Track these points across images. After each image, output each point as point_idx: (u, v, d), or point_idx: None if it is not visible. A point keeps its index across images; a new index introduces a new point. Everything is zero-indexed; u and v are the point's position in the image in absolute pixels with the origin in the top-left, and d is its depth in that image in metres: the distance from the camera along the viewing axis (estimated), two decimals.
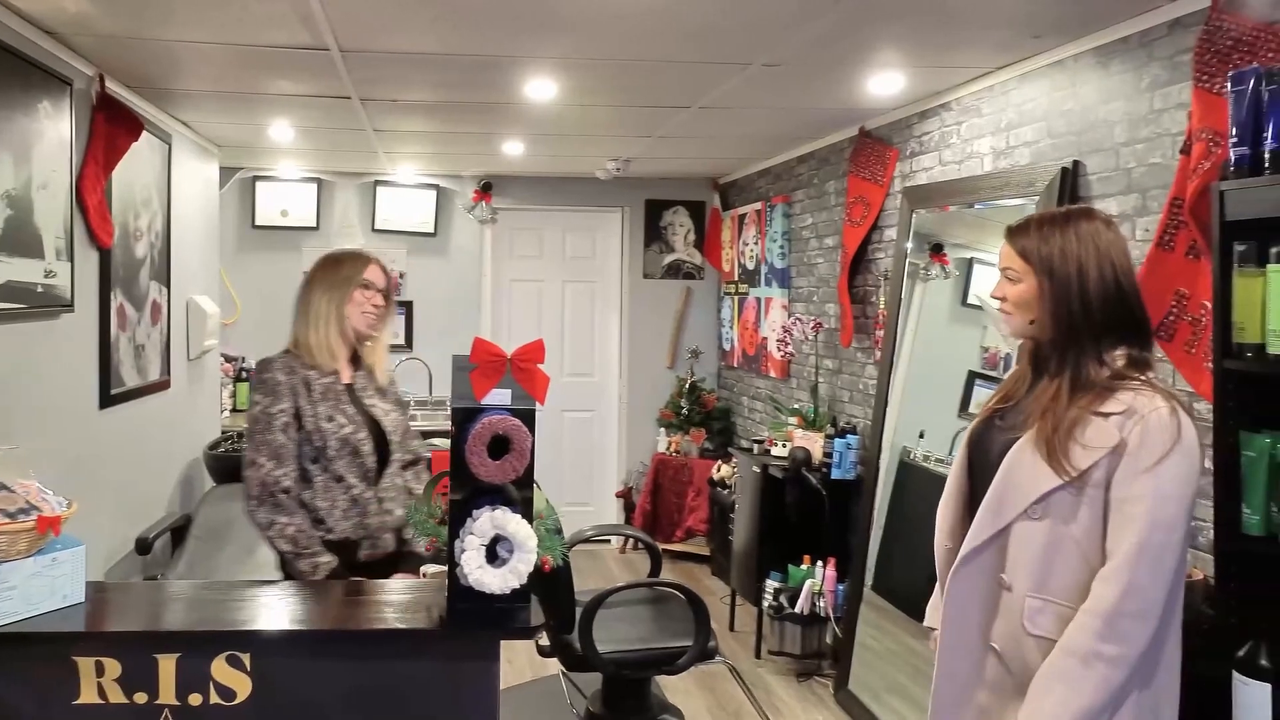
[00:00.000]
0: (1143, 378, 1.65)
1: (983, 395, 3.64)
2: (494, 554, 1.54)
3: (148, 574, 3.60)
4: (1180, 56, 2.50)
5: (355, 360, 2.51)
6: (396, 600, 1.80)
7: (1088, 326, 1.67)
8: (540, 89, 3.55)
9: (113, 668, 1.63)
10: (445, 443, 4.79)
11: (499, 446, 1.54)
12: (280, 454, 2.29)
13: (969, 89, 3.46)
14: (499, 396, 1.57)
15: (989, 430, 1.82)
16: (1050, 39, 2.90)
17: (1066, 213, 1.75)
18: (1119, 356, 1.66)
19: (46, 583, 1.64)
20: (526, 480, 1.59)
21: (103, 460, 3.39)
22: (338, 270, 2.47)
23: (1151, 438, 1.58)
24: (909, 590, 3.79)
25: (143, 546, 3.42)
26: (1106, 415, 1.62)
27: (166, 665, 1.64)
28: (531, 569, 1.53)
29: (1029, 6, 2.60)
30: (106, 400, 3.38)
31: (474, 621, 1.59)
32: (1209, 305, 2.38)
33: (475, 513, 1.54)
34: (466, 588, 1.55)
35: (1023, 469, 1.68)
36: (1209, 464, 2.34)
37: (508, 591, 1.52)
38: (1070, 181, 2.90)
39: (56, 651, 1.62)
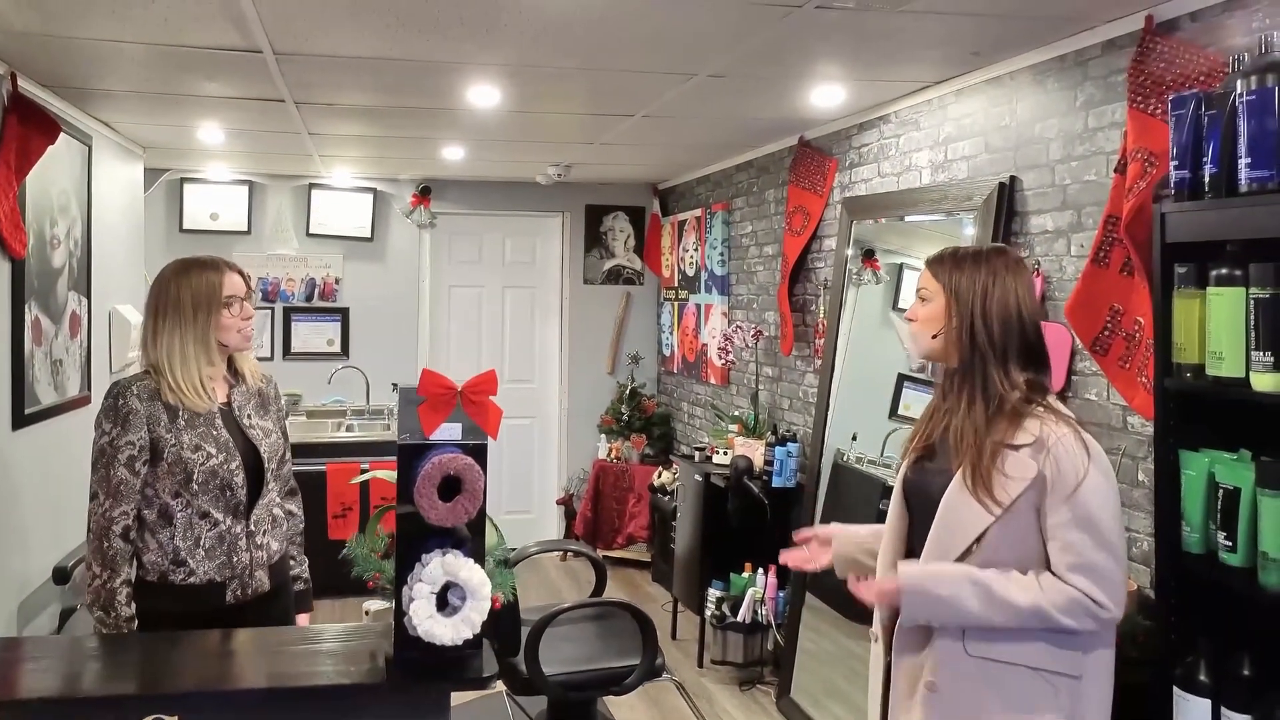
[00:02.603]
0: (1044, 402, 1.77)
1: (911, 397, 3.71)
2: (444, 600, 1.47)
3: (66, 605, 3.42)
4: (1114, 77, 2.56)
5: (228, 376, 2.25)
6: (339, 649, 1.69)
7: (989, 347, 1.78)
8: (483, 95, 3.47)
9: None
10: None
11: (449, 486, 1.48)
12: (119, 491, 2.05)
13: (907, 102, 3.50)
14: (449, 431, 1.51)
15: (922, 472, 1.91)
16: (989, 56, 2.94)
17: (980, 248, 1.90)
18: (1021, 381, 1.78)
19: None
20: (479, 521, 1.53)
21: (17, 484, 3.21)
22: (186, 291, 2.15)
23: (1065, 464, 1.69)
24: (843, 591, 3.82)
25: (61, 576, 3.24)
26: (1019, 447, 1.73)
27: None
28: (485, 617, 1.47)
29: (969, 24, 2.63)
30: (20, 420, 3.20)
31: (423, 673, 1.50)
32: (1143, 321, 2.44)
33: (425, 557, 1.47)
34: (415, 637, 1.47)
35: (958, 511, 1.77)
36: (1144, 478, 2.40)
37: (459, 643, 1.45)
38: (1007, 196, 2.94)
39: None
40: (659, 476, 5.55)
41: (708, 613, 4.33)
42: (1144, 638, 2.17)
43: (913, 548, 1.91)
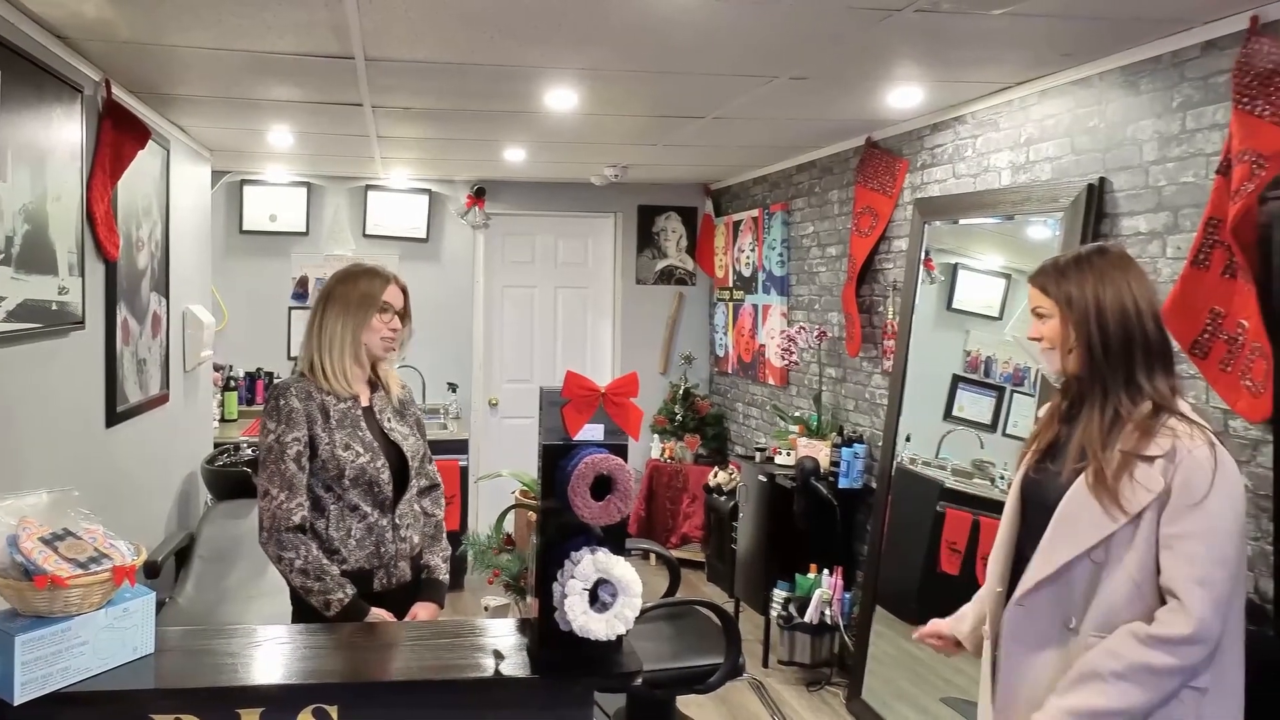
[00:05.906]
0: (1180, 412, 1.72)
1: (966, 399, 3.71)
2: (593, 597, 1.50)
3: (156, 597, 3.48)
4: (1215, 78, 2.54)
5: (371, 380, 2.40)
6: (484, 643, 1.72)
7: (1112, 358, 1.75)
8: (561, 99, 3.50)
9: None
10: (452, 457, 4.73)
11: (600, 486, 1.50)
12: (292, 485, 2.18)
13: (986, 103, 3.48)
14: (592, 432, 1.54)
15: (1043, 475, 1.87)
16: (1079, 57, 2.92)
17: (1080, 252, 1.86)
18: (1151, 390, 1.73)
19: (117, 635, 1.56)
20: (624, 521, 1.55)
21: (110, 480, 3.28)
22: (354, 290, 2.34)
23: (1193, 476, 1.65)
24: (899, 592, 3.83)
25: (151, 570, 3.31)
26: (1151, 459, 1.68)
27: None
28: (637, 613, 1.49)
29: (1064, 25, 2.62)
30: (113, 418, 3.27)
31: (570, 668, 1.53)
32: (1247, 324, 2.42)
33: (574, 554, 1.49)
34: (565, 632, 1.50)
35: (1080, 512, 1.73)
36: (1249, 483, 2.38)
37: (613, 638, 1.47)
38: (1096, 198, 2.93)
39: (132, 710, 1.54)
40: (715, 476, 5.57)
41: (773, 613, 4.33)
42: (1260, 646, 2.15)
43: (1023, 551, 1.89)
